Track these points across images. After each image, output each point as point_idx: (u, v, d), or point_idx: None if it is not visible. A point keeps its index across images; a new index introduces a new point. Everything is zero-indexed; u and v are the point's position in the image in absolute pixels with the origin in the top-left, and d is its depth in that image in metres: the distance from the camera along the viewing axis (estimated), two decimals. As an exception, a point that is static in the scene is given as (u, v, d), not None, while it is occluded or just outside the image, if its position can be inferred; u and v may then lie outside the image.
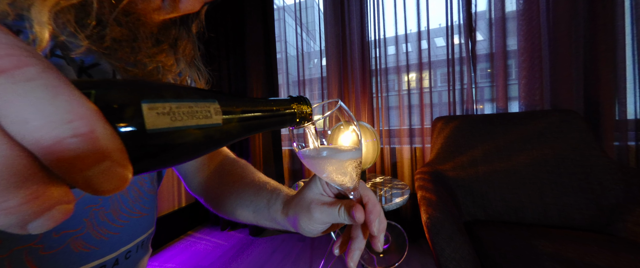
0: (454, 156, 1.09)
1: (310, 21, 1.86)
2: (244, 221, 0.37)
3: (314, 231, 0.28)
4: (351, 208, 0.24)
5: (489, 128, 1.10)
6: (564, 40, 1.15)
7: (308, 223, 0.27)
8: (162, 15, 0.28)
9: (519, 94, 1.27)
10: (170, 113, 0.12)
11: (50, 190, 0.08)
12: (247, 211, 0.35)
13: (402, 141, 1.47)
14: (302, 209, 0.28)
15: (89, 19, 0.23)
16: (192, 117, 0.12)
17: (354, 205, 0.24)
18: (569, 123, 1.00)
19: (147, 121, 0.11)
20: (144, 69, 0.28)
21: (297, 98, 0.21)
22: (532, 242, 0.72)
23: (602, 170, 0.90)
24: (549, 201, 0.92)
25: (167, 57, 0.31)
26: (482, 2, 1.32)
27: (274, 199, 0.33)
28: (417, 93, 1.44)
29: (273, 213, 0.32)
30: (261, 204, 0.34)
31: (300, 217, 0.28)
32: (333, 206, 0.26)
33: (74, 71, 0.24)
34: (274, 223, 0.33)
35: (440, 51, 1.43)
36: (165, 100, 0.12)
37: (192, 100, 0.13)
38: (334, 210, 0.25)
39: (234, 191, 0.37)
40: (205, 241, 1.59)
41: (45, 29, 0.20)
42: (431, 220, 0.66)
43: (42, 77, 0.07)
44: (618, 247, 0.67)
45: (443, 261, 0.61)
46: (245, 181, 0.38)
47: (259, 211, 0.34)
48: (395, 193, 0.92)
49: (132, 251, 0.31)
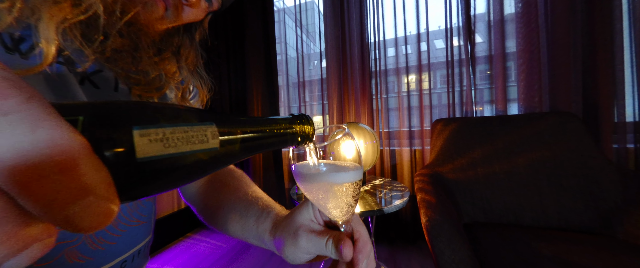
0: (454, 158, 1.09)
1: (310, 23, 1.86)
2: (234, 237, 0.35)
3: (298, 260, 0.26)
4: (340, 242, 0.22)
5: (488, 130, 1.10)
6: (563, 42, 1.16)
7: (293, 249, 0.25)
8: (165, 25, 0.28)
9: (518, 96, 1.28)
10: (164, 139, 0.11)
11: (26, 230, 0.07)
12: (236, 227, 0.33)
13: (401, 143, 1.47)
14: (288, 233, 0.26)
15: (96, 33, 0.23)
16: (187, 142, 0.12)
17: (344, 240, 0.22)
18: (568, 125, 1.00)
19: (138, 150, 0.10)
20: (146, 77, 0.29)
21: (299, 116, 0.20)
22: (531, 244, 0.72)
23: (601, 172, 0.90)
24: (548, 203, 0.92)
25: (170, 65, 0.31)
26: (481, 5, 1.33)
27: (263, 217, 0.31)
28: (417, 95, 1.45)
29: (261, 232, 0.30)
30: (250, 221, 0.32)
31: (286, 242, 0.26)
32: (321, 237, 0.24)
33: (76, 78, 0.24)
34: (261, 242, 0.31)
35: (439, 52, 1.43)
36: (159, 125, 0.11)
37: (187, 124, 0.12)
38: (322, 240, 0.23)
39: (224, 204, 0.36)
40: (205, 243, 1.59)
41: (52, 45, 0.20)
42: (431, 222, 0.66)
43: (22, 109, 0.07)
44: (616, 249, 0.67)
45: (442, 263, 0.61)
46: (238, 195, 0.36)
47: (247, 228, 0.32)
48: (395, 195, 0.92)
49: (128, 260, 0.30)
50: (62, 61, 0.23)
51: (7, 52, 0.21)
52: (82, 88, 0.25)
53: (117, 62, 0.25)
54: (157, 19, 0.27)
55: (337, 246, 0.22)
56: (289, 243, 0.25)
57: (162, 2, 0.27)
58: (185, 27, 0.33)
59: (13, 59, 0.21)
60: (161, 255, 1.46)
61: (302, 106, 1.68)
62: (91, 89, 0.25)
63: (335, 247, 0.22)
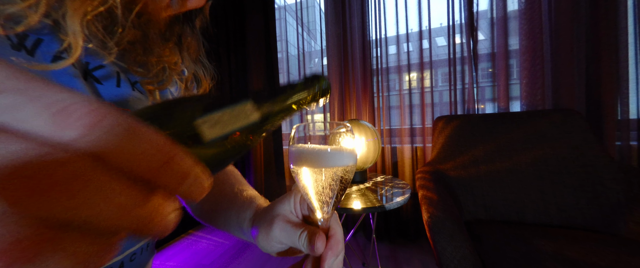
0: (455, 156, 1.09)
1: (311, 21, 1.86)
2: (219, 229, 0.35)
3: (270, 250, 0.26)
4: (314, 236, 0.22)
5: (490, 127, 1.10)
6: (566, 39, 1.15)
7: (265, 238, 0.25)
8: (169, 12, 0.28)
9: (521, 93, 1.27)
10: (219, 122, 0.14)
11: (156, 196, 0.10)
12: (219, 219, 0.34)
13: (403, 141, 1.47)
14: (264, 222, 0.26)
15: (116, 26, 0.23)
16: (235, 120, 0.15)
17: (318, 234, 0.22)
18: (571, 122, 1.00)
19: (204, 136, 0.13)
20: (152, 69, 0.29)
21: (311, 79, 0.20)
22: (533, 241, 0.72)
23: (604, 170, 0.89)
24: (550, 200, 0.92)
25: (172, 55, 0.31)
26: (484, 1, 1.32)
27: (245, 207, 0.31)
28: (418, 93, 1.44)
29: (241, 221, 0.30)
30: (232, 212, 0.32)
31: (260, 230, 0.26)
32: (296, 229, 0.24)
33: (80, 73, 0.24)
34: (240, 232, 0.31)
35: (441, 50, 1.43)
36: (210, 112, 0.14)
37: (229, 106, 0.15)
38: (296, 232, 0.23)
39: (210, 197, 0.36)
40: (207, 240, 1.60)
41: (79, 37, 0.21)
42: (432, 219, 0.66)
43: (122, 123, 0.09)
44: (619, 247, 0.67)
45: (444, 260, 0.61)
46: (223, 188, 0.36)
47: (229, 219, 0.32)
48: (396, 193, 0.92)
49: (137, 253, 0.30)
50: (66, 58, 0.23)
51: (14, 49, 0.21)
52: (85, 83, 0.25)
53: (130, 54, 0.26)
54: (163, 7, 0.27)
55: (310, 239, 0.22)
56: (263, 231, 0.25)
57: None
58: (185, 15, 0.33)
59: (20, 57, 0.21)
60: (164, 252, 1.47)
61: (303, 103, 1.68)
62: (93, 85, 0.26)
63: (308, 240, 0.22)
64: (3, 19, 0.18)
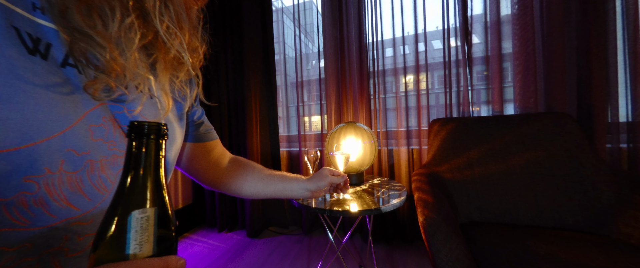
0: (450, 158, 1.10)
1: (308, 23, 1.86)
2: (250, 194, 0.50)
3: (314, 187, 0.51)
4: (343, 176, 0.55)
5: (485, 130, 1.11)
6: (558, 44, 1.17)
7: (318, 177, 0.52)
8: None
9: (514, 96, 1.29)
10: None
11: None
12: (258, 185, 0.50)
13: (399, 143, 1.48)
14: (318, 173, 0.53)
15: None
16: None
17: (346, 180, 0.56)
18: (563, 125, 1.02)
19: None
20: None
21: (133, 130, 0.19)
22: (526, 242, 0.73)
23: (595, 172, 0.91)
24: (543, 202, 0.93)
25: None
26: (478, 6, 1.34)
27: (291, 174, 0.53)
28: (414, 95, 1.46)
29: (287, 179, 0.51)
30: (276, 175, 0.51)
31: (315, 174, 0.52)
32: (337, 176, 0.54)
33: (86, 78, 0.25)
34: (283, 184, 0.50)
35: (437, 53, 1.44)
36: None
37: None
38: (334, 179, 0.53)
39: (248, 170, 0.51)
40: (203, 243, 1.58)
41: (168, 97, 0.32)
42: (428, 221, 0.67)
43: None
44: (610, 248, 0.68)
45: (439, 262, 0.62)
46: (260, 167, 0.53)
47: (271, 180, 0.50)
48: (393, 195, 0.93)
49: None
50: (72, 63, 0.24)
51: (30, 53, 0.21)
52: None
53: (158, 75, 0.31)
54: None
55: (342, 182, 0.55)
56: (317, 175, 0.52)
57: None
58: None
59: (35, 62, 0.21)
60: (158, 255, 1.45)
61: (300, 105, 1.69)
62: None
63: (341, 183, 0.55)
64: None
